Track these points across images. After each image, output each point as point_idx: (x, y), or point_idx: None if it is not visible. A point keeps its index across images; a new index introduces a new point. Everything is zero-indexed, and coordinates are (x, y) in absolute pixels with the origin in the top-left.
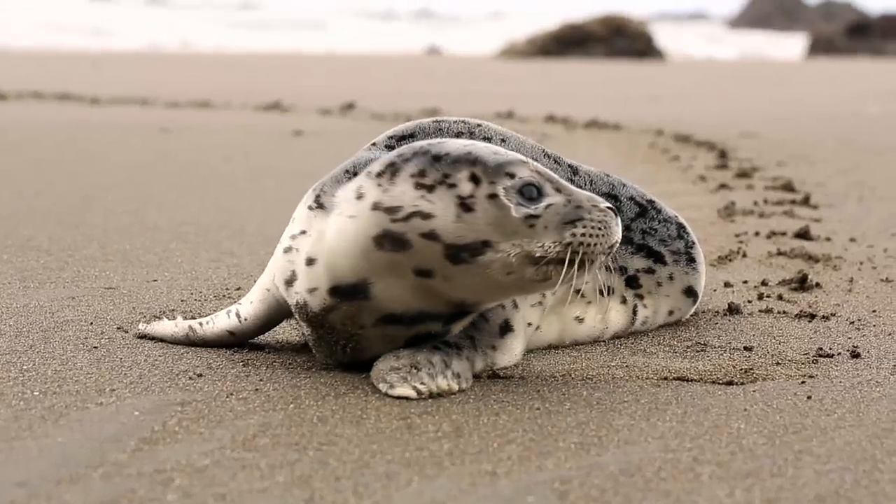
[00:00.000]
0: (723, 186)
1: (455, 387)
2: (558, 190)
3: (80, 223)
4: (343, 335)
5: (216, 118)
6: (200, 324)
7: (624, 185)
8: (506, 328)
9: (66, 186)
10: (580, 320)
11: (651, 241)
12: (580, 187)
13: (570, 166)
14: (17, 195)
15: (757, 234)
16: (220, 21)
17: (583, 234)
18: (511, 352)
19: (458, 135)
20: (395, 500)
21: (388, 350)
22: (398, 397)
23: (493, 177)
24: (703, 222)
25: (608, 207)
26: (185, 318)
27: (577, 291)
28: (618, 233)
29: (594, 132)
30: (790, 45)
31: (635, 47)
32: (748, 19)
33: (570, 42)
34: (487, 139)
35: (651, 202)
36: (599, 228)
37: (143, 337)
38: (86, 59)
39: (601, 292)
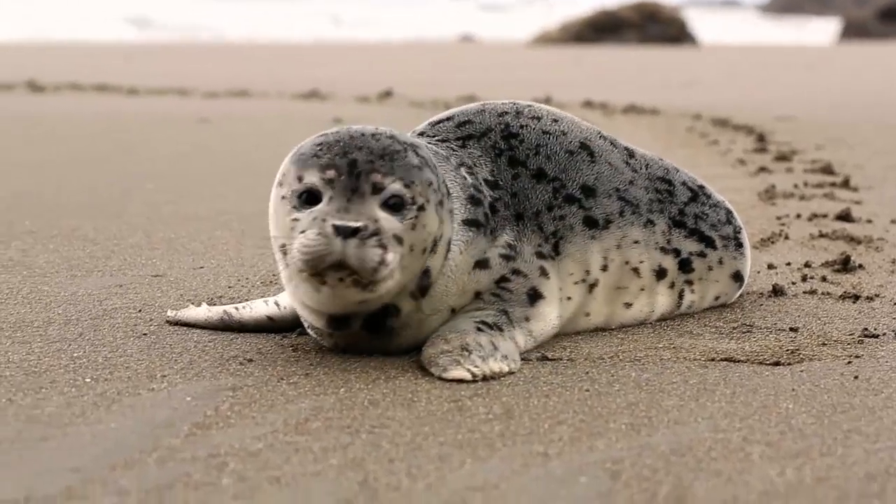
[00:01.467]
0: (762, 170)
1: (506, 368)
2: (330, 200)
3: (123, 213)
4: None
5: (254, 107)
6: (237, 308)
7: (677, 171)
8: (534, 296)
9: (107, 177)
10: (628, 305)
11: (703, 226)
12: (635, 171)
13: (626, 149)
14: (59, 186)
15: (798, 216)
16: (254, 11)
17: (299, 245)
18: (545, 318)
19: (503, 115)
20: (449, 481)
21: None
22: (452, 380)
23: (289, 177)
24: (744, 205)
25: (336, 225)
26: (211, 304)
27: (635, 270)
28: (346, 253)
29: (633, 117)
30: (823, 30)
31: (669, 33)
32: (780, 5)
33: (603, 28)
34: (537, 118)
35: (701, 187)
36: (310, 243)
37: (176, 323)
38: (121, 50)
39: (656, 274)
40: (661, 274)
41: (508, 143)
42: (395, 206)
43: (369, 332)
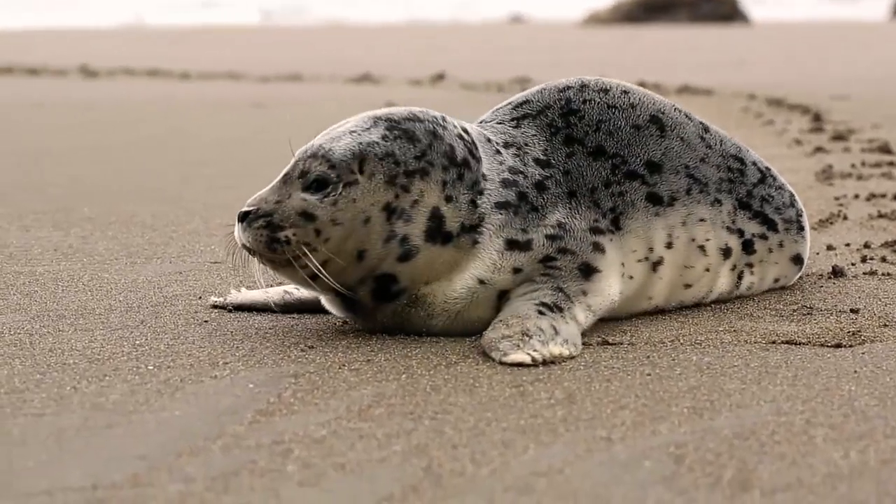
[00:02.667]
0: (819, 150)
1: (566, 352)
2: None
3: (180, 199)
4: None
5: (307, 91)
6: (297, 287)
7: (748, 150)
8: (588, 270)
9: (163, 163)
10: (688, 286)
11: (767, 209)
12: (709, 146)
13: (700, 123)
14: (115, 172)
15: (856, 196)
16: None
17: None
18: (603, 293)
19: (564, 90)
20: (513, 466)
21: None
22: (512, 364)
23: None
24: (801, 186)
25: (240, 212)
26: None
27: (701, 248)
28: (240, 236)
29: (687, 98)
30: (875, 7)
31: (720, 12)
32: None
33: (654, 8)
34: (605, 91)
35: (768, 169)
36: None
37: (238, 308)
38: (172, 35)
39: (723, 253)
40: (727, 253)
41: (566, 121)
42: (318, 186)
43: (380, 301)
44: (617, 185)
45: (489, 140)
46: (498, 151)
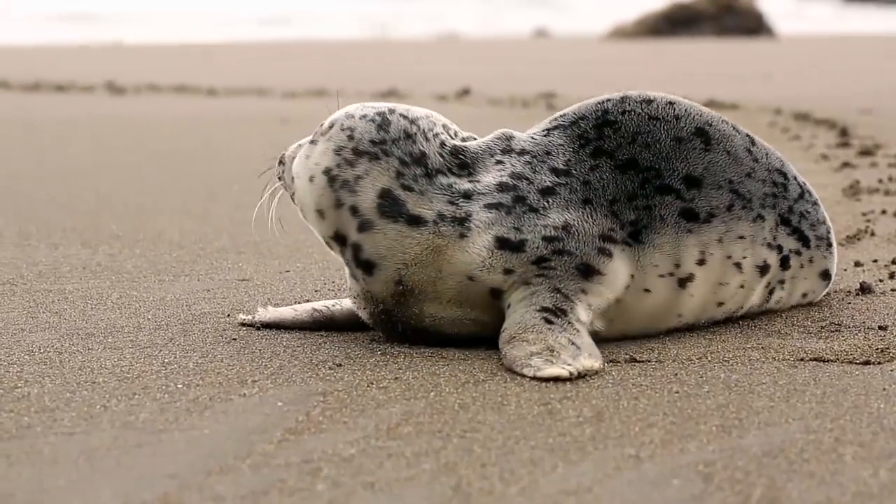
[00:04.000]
0: (846, 165)
1: (595, 365)
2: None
3: (207, 216)
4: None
5: (334, 107)
6: (326, 306)
7: (789, 164)
8: (588, 271)
9: (190, 179)
10: (721, 304)
11: (804, 225)
12: (756, 160)
13: (747, 136)
14: (143, 189)
15: (884, 212)
16: (327, 9)
17: None
18: (602, 295)
19: (604, 101)
20: (542, 485)
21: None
22: (548, 378)
23: None
24: (829, 201)
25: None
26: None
27: (737, 265)
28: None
29: None
30: None
31: (746, 25)
32: None
33: (679, 21)
34: (647, 102)
35: (804, 184)
36: None
37: (266, 325)
38: (198, 50)
39: (759, 270)
40: (764, 270)
41: (599, 133)
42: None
43: (360, 269)
44: (644, 198)
45: (492, 153)
46: (499, 161)
